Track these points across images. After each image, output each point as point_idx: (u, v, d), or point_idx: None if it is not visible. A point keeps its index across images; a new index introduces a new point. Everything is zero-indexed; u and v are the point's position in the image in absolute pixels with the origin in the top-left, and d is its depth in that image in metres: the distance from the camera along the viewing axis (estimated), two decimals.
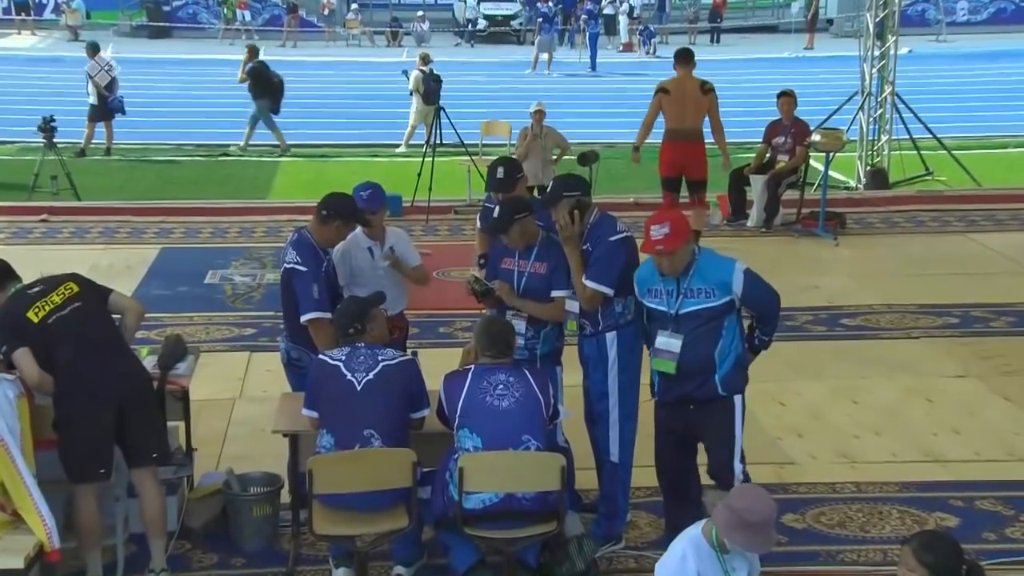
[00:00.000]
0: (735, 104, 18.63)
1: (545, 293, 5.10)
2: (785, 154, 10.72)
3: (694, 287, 4.57)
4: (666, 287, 4.60)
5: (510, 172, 5.58)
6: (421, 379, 4.70)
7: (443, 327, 7.84)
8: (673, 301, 4.59)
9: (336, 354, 4.63)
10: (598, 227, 4.95)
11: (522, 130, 10.88)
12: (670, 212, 4.75)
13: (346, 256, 5.45)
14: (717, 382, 4.61)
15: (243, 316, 8.25)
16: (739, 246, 10.22)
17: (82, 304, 4.60)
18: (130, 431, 4.60)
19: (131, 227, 10.68)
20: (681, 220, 4.61)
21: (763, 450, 6.11)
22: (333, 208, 5.21)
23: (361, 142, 15.90)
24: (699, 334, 4.57)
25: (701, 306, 4.56)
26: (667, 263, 4.55)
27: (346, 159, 14.80)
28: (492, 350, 4.58)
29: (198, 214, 11.24)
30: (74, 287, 4.64)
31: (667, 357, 4.60)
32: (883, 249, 10.25)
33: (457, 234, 10.66)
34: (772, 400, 6.76)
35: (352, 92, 21.31)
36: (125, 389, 4.58)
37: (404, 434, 4.60)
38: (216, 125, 16.18)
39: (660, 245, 4.52)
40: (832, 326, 8.17)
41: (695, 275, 4.57)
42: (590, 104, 19.53)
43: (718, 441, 4.67)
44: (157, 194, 12.44)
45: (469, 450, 4.45)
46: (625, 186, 11.95)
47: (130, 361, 4.71)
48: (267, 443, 5.31)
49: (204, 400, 6.28)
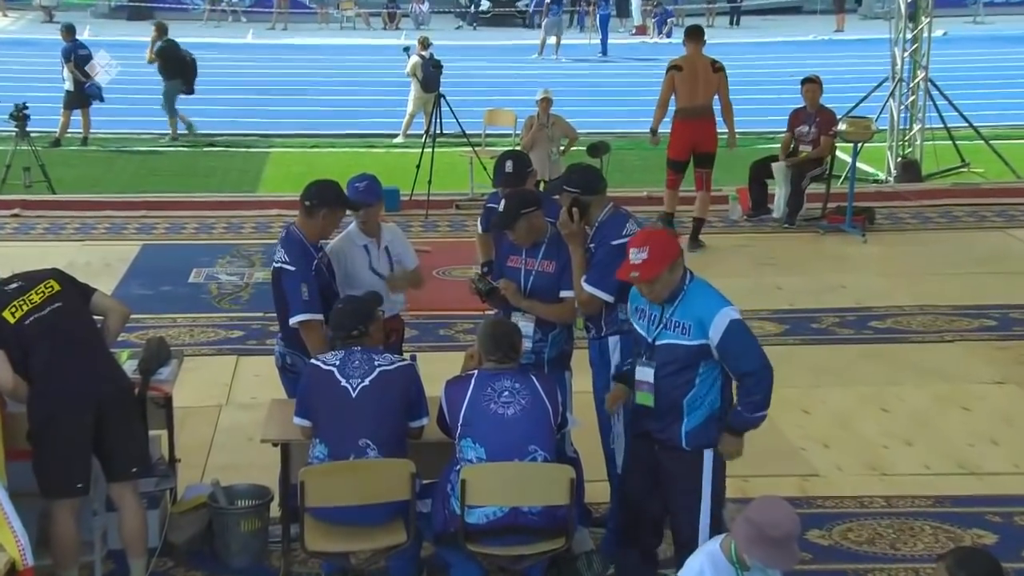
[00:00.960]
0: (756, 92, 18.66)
1: (554, 293, 5.11)
2: (809, 144, 10.72)
3: (675, 318, 4.33)
4: (651, 310, 4.40)
5: (519, 166, 5.59)
6: (420, 385, 4.71)
7: (444, 329, 7.86)
8: (652, 328, 4.38)
9: (330, 359, 4.64)
10: (606, 226, 4.96)
11: (528, 119, 10.90)
12: (654, 234, 4.46)
13: (339, 256, 5.46)
14: (682, 433, 4.36)
15: (230, 317, 8.27)
16: (760, 243, 10.26)
17: (63, 304, 4.59)
18: (109, 442, 4.60)
19: (110, 222, 10.70)
20: (665, 243, 4.36)
21: (786, 461, 6.12)
22: (316, 197, 5.21)
23: (356, 132, 15.92)
24: (670, 372, 4.33)
25: (675, 341, 4.31)
26: (645, 290, 4.35)
27: (340, 150, 14.82)
28: (496, 354, 4.59)
29: (182, 208, 11.25)
30: (55, 285, 4.63)
31: (644, 388, 4.39)
32: (915, 246, 10.24)
33: (458, 230, 10.67)
34: (796, 407, 6.77)
35: (346, 78, 21.34)
36: (104, 397, 4.58)
37: (402, 444, 4.61)
38: (201, 113, 16.19)
39: (635, 271, 4.30)
40: (860, 328, 8.17)
41: (680, 305, 4.33)
42: (601, 91, 19.54)
43: (680, 504, 4.42)
44: (138, 187, 12.46)
45: (472, 461, 4.45)
46: (639, 179, 11.96)
47: (110, 367, 4.72)
48: (256, 453, 5.32)
49: (188, 407, 6.28)
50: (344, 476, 4.47)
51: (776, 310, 8.43)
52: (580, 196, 4.92)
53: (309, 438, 4.66)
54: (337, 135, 15.80)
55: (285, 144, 15.23)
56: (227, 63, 22.51)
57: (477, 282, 5.22)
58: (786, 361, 7.54)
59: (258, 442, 5.00)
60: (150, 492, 5.05)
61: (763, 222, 10.80)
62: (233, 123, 16.22)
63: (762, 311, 8.36)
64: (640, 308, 4.46)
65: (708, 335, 4.26)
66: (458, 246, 9.93)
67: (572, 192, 4.94)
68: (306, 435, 4.68)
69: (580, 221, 4.92)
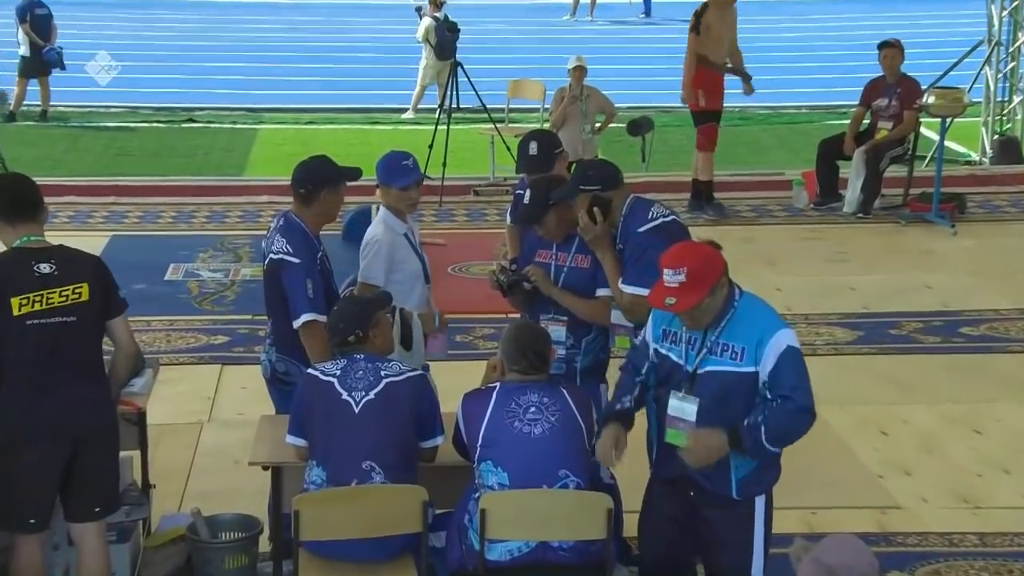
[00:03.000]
0: (825, 58, 18.64)
1: (589, 291, 5.13)
2: (889, 120, 10.69)
3: (723, 340, 4.19)
4: (689, 333, 4.25)
5: (546, 148, 5.59)
6: (434, 399, 4.73)
7: (461, 335, 7.88)
8: (693, 354, 4.23)
9: (329, 368, 4.65)
10: (628, 219, 4.99)
11: (558, 91, 10.91)
12: (692, 248, 4.30)
13: (390, 250, 5.44)
14: (732, 481, 4.23)
15: (213, 320, 8.31)
16: (830, 236, 10.24)
17: (77, 320, 4.53)
18: (76, 480, 4.61)
19: (74, 210, 10.77)
20: (707, 261, 4.18)
21: (861, 491, 6.10)
22: (311, 179, 5.25)
23: (359, 106, 15.97)
24: (718, 406, 4.17)
25: (725, 368, 4.17)
26: (684, 318, 4.22)
27: (340, 127, 14.87)
28: (521, 363, 4.60)
29: (157, 194, 11.31)
30: (84, 293, 4.54)
31: (680, 427, 4.22)
32: (1014, 239, 10.19)
33: (477, 219, 10.69)
34: (873, 428, 6.75)
35: (347, 43, 21.40)
36: (84, 434, 4.58)
37: (412, 467, 4.62)
38: (180, 84, 16.30)
39: (671, 297, 4.11)
40: (948, 335, 8.14)
41: (730, 325, 4.19)
42: (643, 58, 19.52)
43: (730, 563, 4.30)
44: (106, 169, 12.54)
45: (493, 488, 4.46)
46: (687, 160, 11.91)
47: (99, 400, 4.66)
48: (243, 478, 5.33)
49: (165, 424, 6.32)
50: (345, 505, 4.47)
51: (848, 314, 8.40)
52: (601, 193, 4.94)
53: (304, 460, 4.67)
54: (336, 109, 15.87)
55: (276, 120, 15.30)
56: (208, 24, 22.64)
57: (499, 273, 5.24)
58: (860, 374, 7.55)
59: (245, 465, 5.01)
60: (120, 524, 5.07)
61: (833, 211, 10.77)
62: (216, 95, 16.30)
63: (832, 315, 8.33)
64: (670, 330, 4.32)
65: (759, 362, 4.14)
66: (476, 238, 9.94)
67: (591, 190, 4.95)
68: (301, 456, 4.70)
69: (604, 222, 4.93)
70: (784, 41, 20.21)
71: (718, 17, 10.38)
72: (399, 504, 4.49)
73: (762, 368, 4.15)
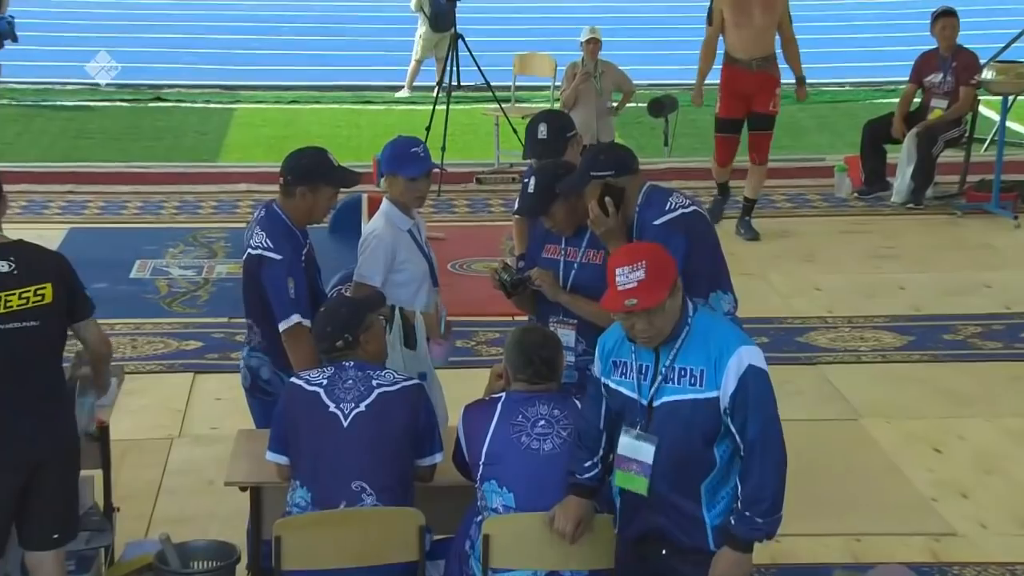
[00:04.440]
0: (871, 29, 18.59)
1: (601, 290, 5.10)
2: (943, 98, 10.68)
3: (678, 364, 4.09)
4: (639, 359, 4.15)
5: (557, 131, 5.58)
6: (431, 412, 4.74)
7: (461, 340, 7.87)
8: (646, 384, 4.13)
9: (315, 377, 4.66)
10: (644, 209, 4.98)
11: (569, 66, 10.89)
12: (643, 247, 4.29)
13: (393, 247, 5.44)
14: (708, 530, 4.14)
15: (184, 324, 8.33)
16: (877, 228, 10.23)
17: (39, 326, 4.52)
18: (34, 507, 4.62)
19: (27, 199, 10.78)
20: (662, 258, 4.13)
21: (912, 515, 6.10)
22: (292, 170, 5.24)
23: (347, 83, 15.97)
24: (679, 444, 4.08)
25: (684, 396, 4.07)
26: (642, 326, 4.04)
27: (326, 106, 14.86)
28: (527, 371, 4.60)
29: (121, 182, 11.33)
30: (48, 295, 4.54)
31: (635, 470, 4.13)
32: None
33: (480, 211, 10.70)
34: (924, 445, 6.76)
35: (335, 13, 21.39)
36: (43, 460, 4.58)
37: (408, 488, 4.63)
38: (147, 57, 16.29)
39: (632, 298, 4.00)
40: (1010, 341, 8.15)
41: (686, 345, 4.09)
42: (665, 30, 19.50)
43: None
44: (64, 154, 12.54)
45: (498, 510, 4.47)
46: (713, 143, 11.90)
47: (61, 424, 4.66)
48: (217, 500, 5.34)
49: (130, 440, 6.33)
50: (332, 530, 4.48)
51: (896, 316, 8.42)
52: (614, 179, 4.93)
53: (287, 480, 4.68)
54: (322, 87, 15.85)
55: (255, 98, 15.28)
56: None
57: (501, 272, 5.23)
58: (911, 384, 7.55)
59: (221, 485, 5.03)
60: (79, 552, 5.08)
61: (880, 201, 10.77)
62: (187, 70, 16.30)
63: (878, 318, 8.35)
64: (619, 361, 4.21)
65: (720, 383, 4.04)
66: (479, 232, 9.95)
67: (603, 176, 4.93)
68: (283, 476, 4.71)
69: (618, 213, 4.92)
70: (824, 8, 20.16)
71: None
72: (392, 529, 4.49)
73: (722, 392, 4.04)
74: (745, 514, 4.06)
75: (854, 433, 6.94)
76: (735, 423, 4.06)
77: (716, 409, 4.06)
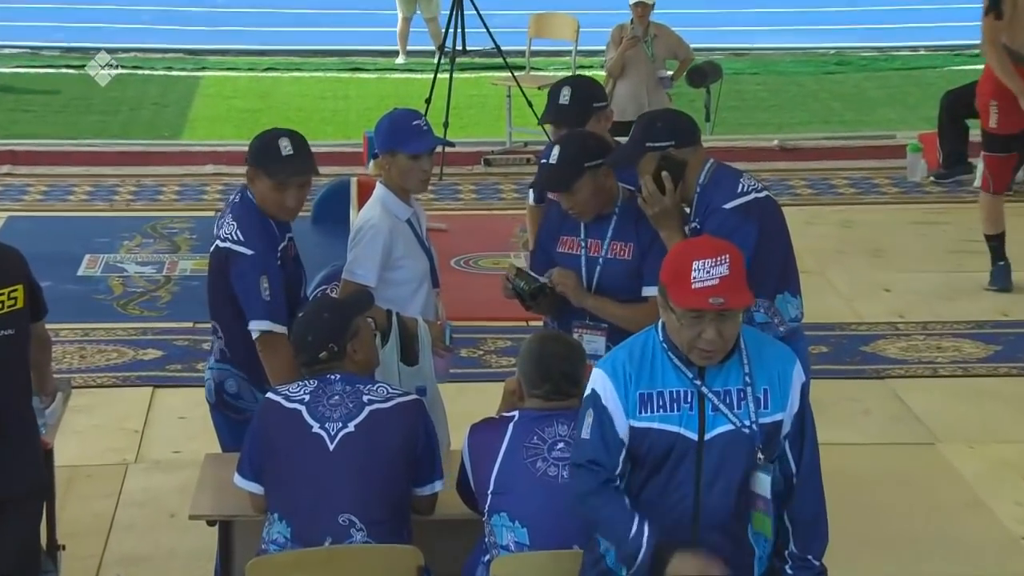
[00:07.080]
0: None
1: (632, 290, 5.13)
2: None
3: (721, 388, 3.97)
4: (681, 384, 4.00)
5: (583, 98, 5.57)
6: (432, 432, 4.74)
7: (468, 349, 7.90)
8: (692, 415, 3.96)
9: (296, 392, 4.66)
10: (710, 190, 4.95)
11: (616, 29, 10.83)
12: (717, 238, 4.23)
13: (390, 240, 5.45)
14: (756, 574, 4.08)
15: (142, 329, 8.35)
16: (956, 218, 10.21)
17: (14, 335, 4.56)
18: None
19: None
20: (737, 251, 4.02)
21: (998, 556, 6.10)
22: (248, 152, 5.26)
23: (333, 48, 16.00)
24: (732, 482, 3.98)
25: (745, 422, 3.97)
26: (712, 335, 3.90)
27: (309, 74, 14.89)
28: (544, 386, 4.59)
29: (67, 162, 11.38)
30: (20, 299, 4.58)
31: (762, 507, 4.03)
32: None
33: (489, 197, 10.72)
34: (1015, 474, 6.75)
35: None
36: (7, 497, 4.62)
37: (404, 521, 4.63)
38: (97, 16, 16.33)
39: (719, 296, 3.86)
40: None
41: (743, 361, 4.01)
42: None
43: None
44: (0, 130, 12.57)
45: (508, 548, 4.46)
46: (763, 119, 11.95)
47: (28, 456, 4.71)
48: (180, 536, 5.35)
49: (78, 466, 6.34)
50: (316, 571, 4.47)
51: (980, 322, 8.44)
52: (673, 152, 4.93)
53: (262, 513, 4.68)
54: (304, 52, 15.89)
55: (225, 65, 15.33)
56: None
57: (515, 278, 5.21)
58: (997, 402, 7.54)
59: (184, 519, 5.03)
60: None
61: (961, 186, 10.76)
62: (145, 31, 16.34)
63: (958, 324, 8.36)
64: (646, 392, 3.99)
65: (786, 404, 3.99)
66: (487, 222, 9.96)
67: (661, 147, 4.91)
68: (257, 507, 4.71)
69: (676, 191, 4.91)
70: None
71: None
72: (386, 569, 4.49)
73: (787, 413, 4.00)
74: (806, 559, 4.05)
75: (930, 460, 6.93)
76: (793, 448, 4.04)
77: (778, 434, 4.01)
